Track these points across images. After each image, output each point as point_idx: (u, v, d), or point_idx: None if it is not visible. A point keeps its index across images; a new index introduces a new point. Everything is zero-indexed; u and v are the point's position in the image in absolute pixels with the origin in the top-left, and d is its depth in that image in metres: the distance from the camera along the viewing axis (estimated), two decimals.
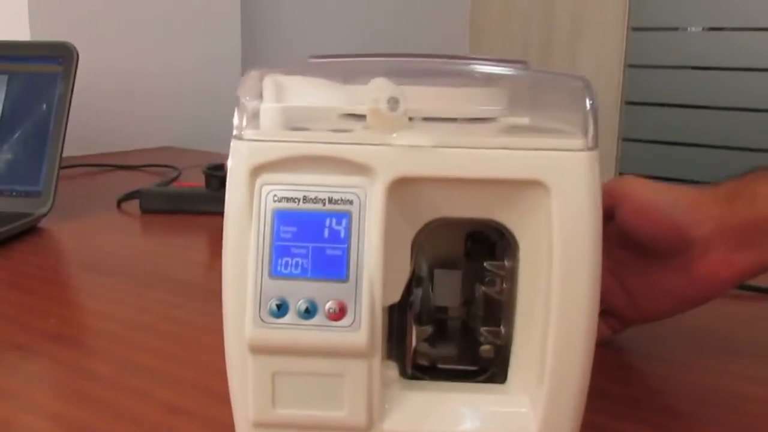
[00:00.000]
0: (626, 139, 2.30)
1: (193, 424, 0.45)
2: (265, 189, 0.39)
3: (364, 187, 0.39)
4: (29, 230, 0.90)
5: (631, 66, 2.27)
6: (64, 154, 0.96)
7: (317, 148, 0.39)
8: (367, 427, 0.40)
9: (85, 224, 0.94)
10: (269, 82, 0.41)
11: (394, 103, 0.40)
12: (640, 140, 2.28)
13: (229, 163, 0.39)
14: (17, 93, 0.98)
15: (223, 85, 1.61)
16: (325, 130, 0.39)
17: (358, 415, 0.40)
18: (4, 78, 0.99)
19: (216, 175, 0.97)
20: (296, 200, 0.39)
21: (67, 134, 0.96)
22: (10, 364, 0.55)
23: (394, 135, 0.38)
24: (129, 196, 1.03)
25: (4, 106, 0.98)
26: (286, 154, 0.39)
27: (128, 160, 1.36)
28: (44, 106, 0.96)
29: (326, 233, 0.39)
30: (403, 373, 0.43)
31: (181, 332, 0.60)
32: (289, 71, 0.41)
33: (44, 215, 0.92)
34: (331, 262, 0.39)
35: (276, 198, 0.39)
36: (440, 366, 0.45)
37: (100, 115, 1.44)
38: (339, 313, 0.38)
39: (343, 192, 0.39)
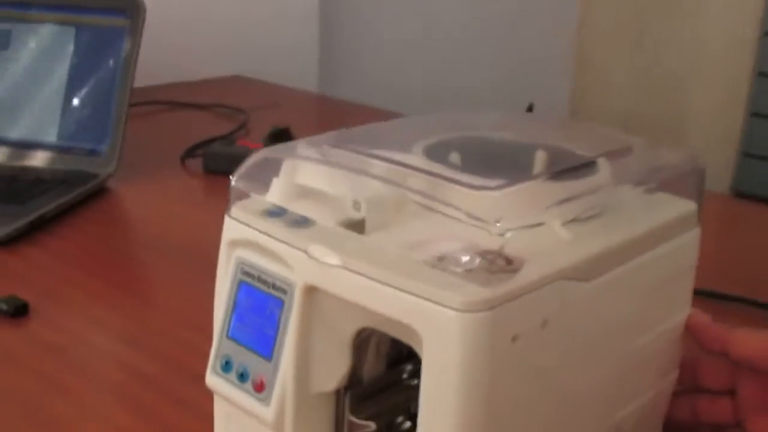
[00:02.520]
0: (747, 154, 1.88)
1: None
2: (237, 261, 0.44)
3: (295, 283, 0.42)
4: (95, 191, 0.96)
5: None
6: (137, 84, 0.98)
7: (261, 238, 0.42)
8: None
9: (149, 186, 0.99)
10: (287, 164, 0.45)
11: (357, 206, 0.42)
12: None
13: None
14: (85, 48, 1.01)
15: (296, 10, 1.65)
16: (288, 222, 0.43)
17: None
18: (72, 31, 1.02)
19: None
20: (254, 277, 0.44)
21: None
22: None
23: (314, 246, 0.40)
24: (192, 153, 1.09)
25: (72, 61, 1.01)
26: (244, 236, 0.44)
27: (196, 93, 1.37)
28: (111, 62, 1.00)
29: (267, 313, 0.43)
30: None
31: None
32: (307, 156, 0.45)
33: (110, 176, 0.98)
34: (265, 340, 0.43)
35: (243, 271, 0.44)
36: None
37: (167, 42, 1.42)
38: (260, 386, 0.43)
39: (281, 281, 0.42)
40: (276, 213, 0.44)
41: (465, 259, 0.37)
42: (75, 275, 0.77)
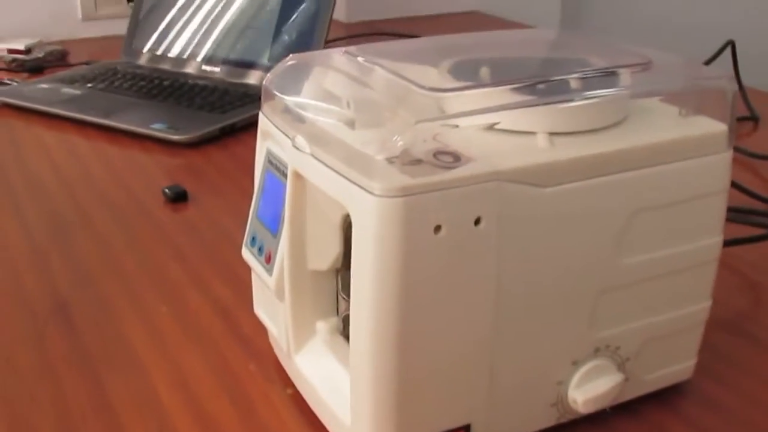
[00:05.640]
0: None
1: None
2: (266, 151, 0.51)
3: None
4: None
5: None
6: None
7: (273, 130, 0.48)
8: (287, 353, 0.51)
9: None
10: (316, 71, 0.51)
11: (348, 106, 0.46)
12: None
13: None
14: None
15: None
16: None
17: (282, 339, 0.51)
18: None
19: None
20: (274, 165, 0.50)
21: None
22: None
23: (298, 137, 0.45)
24: None
25: None
26: (266, 129, 0.50)
27: (430, 27, 1.43)
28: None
29: (279, 195, 0.49)
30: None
31: None
32: (330, 64, 0.50)
33: None
34: (275, 219, 0.49)
35: (268, 160, 0.51)
36: None
37: None
38: (268, 258, 0.50)
39: (285, 168, 0.48)
40: (288, 111, 0.49)
41: (404, 152, 0.40)
42: (240, 176, 0.88)
